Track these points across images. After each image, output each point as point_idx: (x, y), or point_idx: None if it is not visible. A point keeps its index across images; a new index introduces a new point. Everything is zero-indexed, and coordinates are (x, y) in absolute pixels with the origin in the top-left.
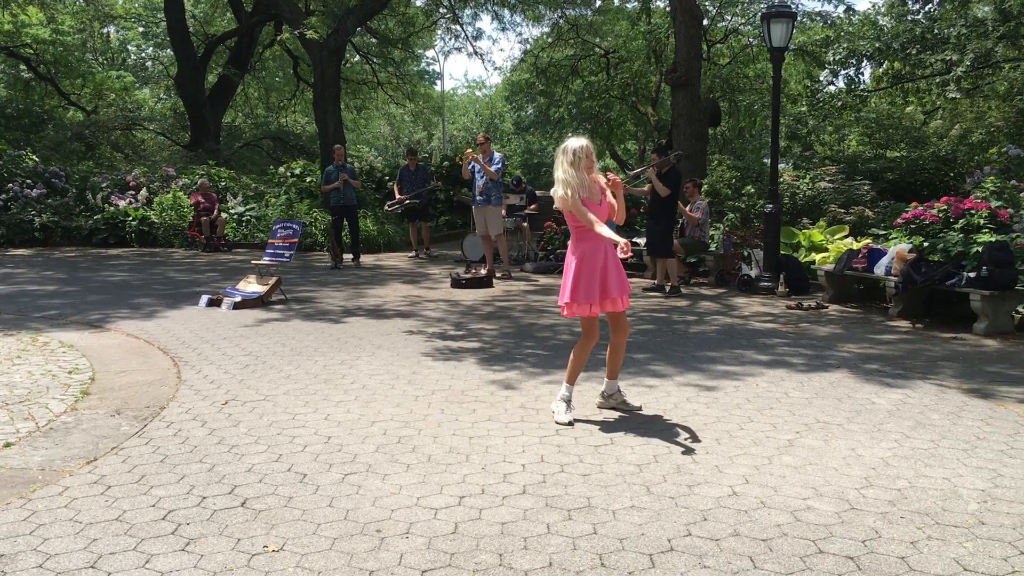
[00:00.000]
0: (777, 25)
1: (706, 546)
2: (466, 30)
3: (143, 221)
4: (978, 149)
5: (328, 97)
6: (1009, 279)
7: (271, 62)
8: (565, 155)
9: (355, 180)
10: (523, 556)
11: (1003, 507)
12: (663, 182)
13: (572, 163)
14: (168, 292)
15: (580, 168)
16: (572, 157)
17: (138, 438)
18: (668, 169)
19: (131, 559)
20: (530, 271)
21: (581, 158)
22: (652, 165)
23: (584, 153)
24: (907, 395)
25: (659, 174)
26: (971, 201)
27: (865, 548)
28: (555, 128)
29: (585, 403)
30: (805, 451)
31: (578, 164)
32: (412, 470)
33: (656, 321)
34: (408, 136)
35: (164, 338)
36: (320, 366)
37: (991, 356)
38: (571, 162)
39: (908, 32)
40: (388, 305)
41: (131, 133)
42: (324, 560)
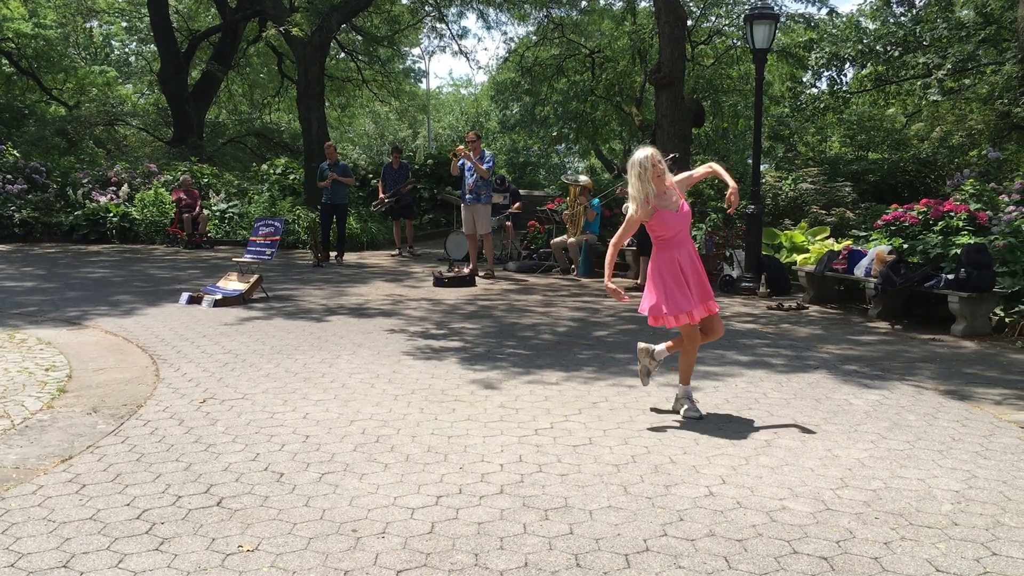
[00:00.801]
0: (760, 27)
1: (681, 546)
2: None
3: (124, 217)
4: (958, 152)
5: (312, 94)
6: (987, 281)
7: (255, 58)
8: (632, 169)
9: (347, 178)
10: (499, 556)
11: (976, 508)
12: None
13: (639, 175)
14: (148, 289)
15: (647, 179)
16: (639, 169)
17: (114, 436)
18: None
19: (104, 558)
20: (513, 270)
21: (648, 168)
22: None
23: (650, 163)
24: (884, 396)
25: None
26: (950, 203)
27: (839, 549)
28: (540, 127)
29: (565, 403)
30: (782, 452)
31: (645, 176)
32: (390, 469)
33: (638, 321)
34: (393, 134)
35: (143, 336)
36: (300, 364)
37: (968, 358)
38: (638, 175)
39: (891, 35)
40: (370, 304)
41: (113, 129)
42: (299, 560)
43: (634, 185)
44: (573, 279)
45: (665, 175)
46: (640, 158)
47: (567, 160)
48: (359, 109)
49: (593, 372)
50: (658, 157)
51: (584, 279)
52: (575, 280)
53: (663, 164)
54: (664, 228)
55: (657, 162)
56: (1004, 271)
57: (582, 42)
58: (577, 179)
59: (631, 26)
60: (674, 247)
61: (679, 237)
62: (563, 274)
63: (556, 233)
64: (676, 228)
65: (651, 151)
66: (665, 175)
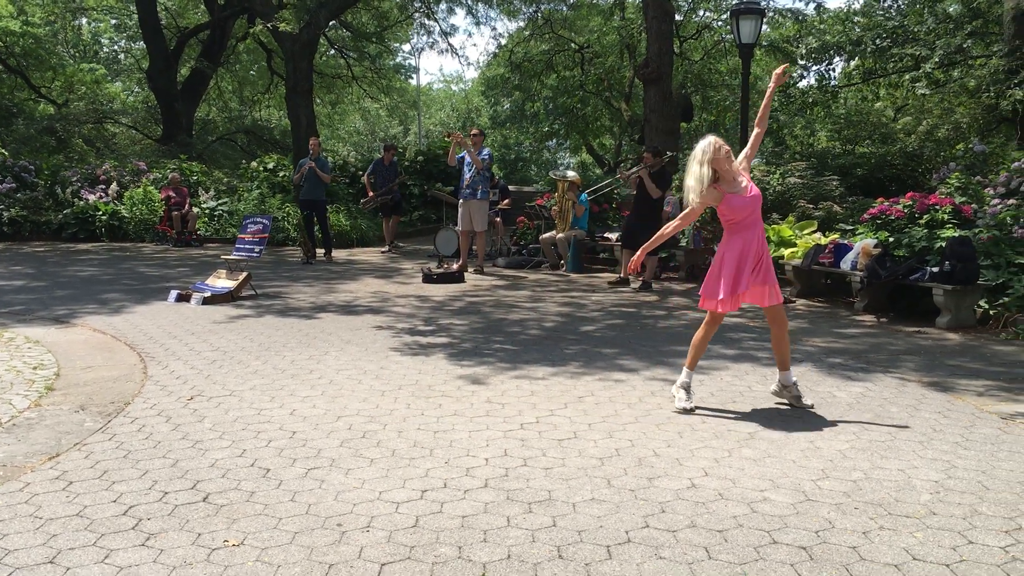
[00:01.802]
0: (746, 21)
1: (663, 537)
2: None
3: (113, 215)
4: (945, 145)
5: (301, 91)
6: (971, 274)
7: (244, 55)
8: (692, 159)
9: (325, 174)
10: (482, 549)
11: (955, 498)
12: (654, 183)
13: (698, 162)
14: (137, 287)
15: (706, 163)
16: (700, 156)
17: (101, 434)
18: (659, 170)
19: (91, 554)
20: (502, 266)
21: (707, 153)
22: (645, 165)
23: (711, 148)
24: (868, 388)
25: (651, 174)
26: (936, 197)
27: (818, 539)
28: (531, 123)
29: (551, 397)
30: (765, 444)
31: (704, 159)
32: (376, 464)
33: (625, 316)
34: (384, 131)
35: (131, 333)
36: (288, 361)
37: (952, 350)
38: (698, 162)
39: (879, 27)
40: (359, 300)
41: (102, 127)
42: (284, 554)
43: (692, 174)
44: (562, 274)
45: (731, 159)
46: (701, 145)
47: (558, 156)
48: (349, 106)
49: (580, 367)
50: (720, 143)
51: (573, 274)
52: (564, 275)
53: (727, 149)
54: (733, 212)
55: (719, 147)
56: (988, 264)
57: (571, 37)
58: (565, 175)
59: (619, 21)
60: (744, 230)
61: (748, 220)
62: (552, 269)
63: (545, 229)
64: (745, 212)
65: (712, 138)
66: (731, 159)
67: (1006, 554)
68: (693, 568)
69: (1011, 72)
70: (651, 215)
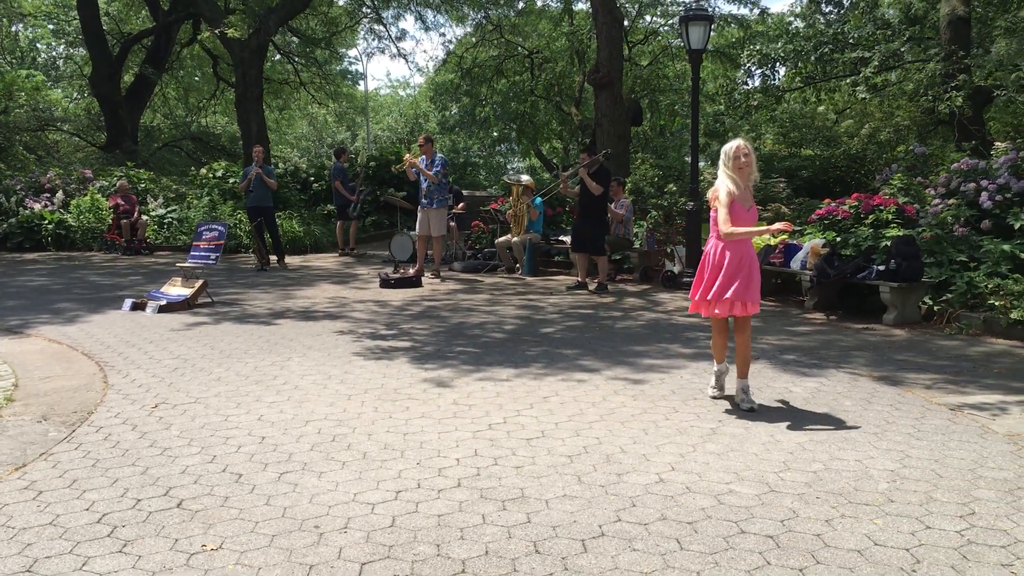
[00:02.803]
0: (695, 28)
1: (635, 530)
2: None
3: (60, 224)
4: (886, 147)
5: (251, 97)
6: (916, 272)
7: (189, 61)
8: (724, 156)
9: (271, 180)
10: (460, 546)
11: (911, 485)
12: (594, 180)
13: (726, 164)
14: (90, 296)
15: (731, 168)
16: (726, 158)
17: (67, 443)
18: (597, 168)
19: (68, 562)
20: (459, 270)
21: (730, 157)
22: (583, 165)
23: (734, 154)
24: (822, 383)
25: (590, 173)
26: (880, 197)
27: (784, 527)
28: (480, 128)
29: (516, 398)
30: (727, 438)
31: (728, 163)
32: (348, 467)
33: (584, 317)
34: (331, 137)
35: (88, 343)
36: (251, 368)
37: (900, 345)
38: (722, 162)
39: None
40: (317, 306)
41: (44, 134)
42: (263, 556)
43: (724, 170)
44: (518, 278)
45: (748, 169)
46: (731, 148)
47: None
48: (296, 112)
49: (542, 368)
50: (746, 149)
51: (529, 277)
52: (520, 279)
53: (748, 159)
54: (736, 220)
55: (742, 155)
56: (931, 262)
57: (520, 43)
58: (519, 179)
59: (568, 27)
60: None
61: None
62: (508, 273)
63: (500, 233)
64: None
65: (740, 142)
66: (748, 169)
67: (962, 537)
68: (666, 559)
69: (947, 76)
70: (595, 213)
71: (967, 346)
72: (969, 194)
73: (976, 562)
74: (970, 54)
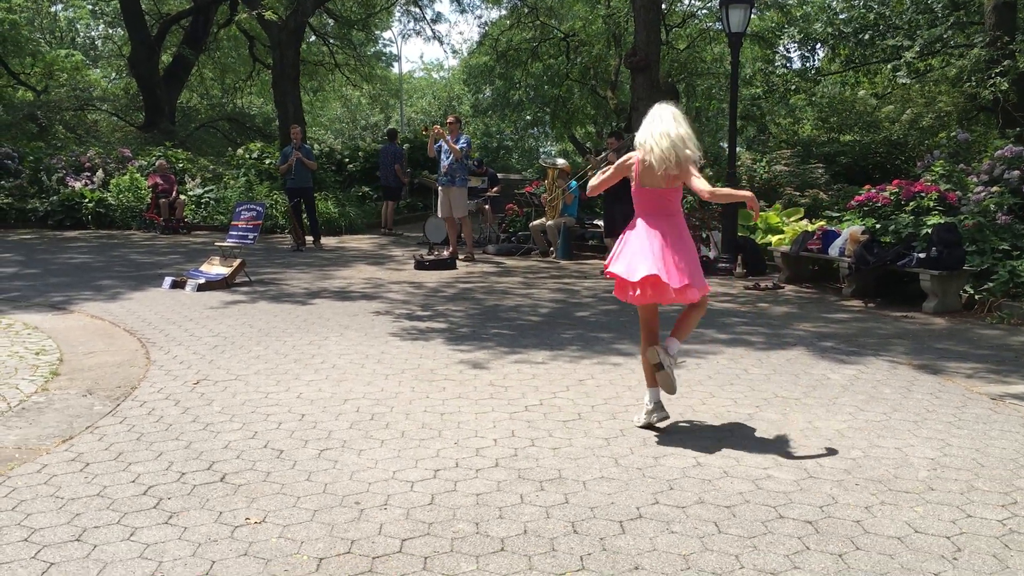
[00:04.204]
0: (736, 11)
1: (673, 513)
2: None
3: (100, 203)
4: (928, 133)
5: (288, 79)
6: (957, 259)
7: (226, 42)
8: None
9: (310, 161)
10: (499, 524)
11: (951, 474)
12: None
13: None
14: (130, 274)
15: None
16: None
17: (112, 417)
18: (625, 152)
19: (116, 532)
20: (493, 253)
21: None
22: (612, 150)
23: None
24: (860, 371)
25: (619, 157)
26: (921, 184)
27: (823, 513)
28: (514, 111)
29: (552, 380)
30: (765, 424)
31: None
32: (386, 445)
33: (618, 302)
34: (365, 119)
35: (129, 320)
36: (289, 346)
37: (939, 333)
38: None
39: (861, 18)
40: (353, 286)
41: (83, 113)
42: (306, 531)
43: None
44: (552, 262)
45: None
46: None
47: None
48: (331, 93)
49: (577, 351)
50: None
51: (563, 261)
52: (554, 263)
53: None
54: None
55: None
56: (973, 250)
57: (556, 26)
58: (555, 162)
59: (606, 9)
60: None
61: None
62: (542, 257)
63: (535, 216)
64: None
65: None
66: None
67: (1003, 526)
68: (704, 542)
69: (992, 62)
70: (626, 198)
71: (1008, 335)
72: (1013, 182)
73: (1018, 551)
74: (1015, 39)
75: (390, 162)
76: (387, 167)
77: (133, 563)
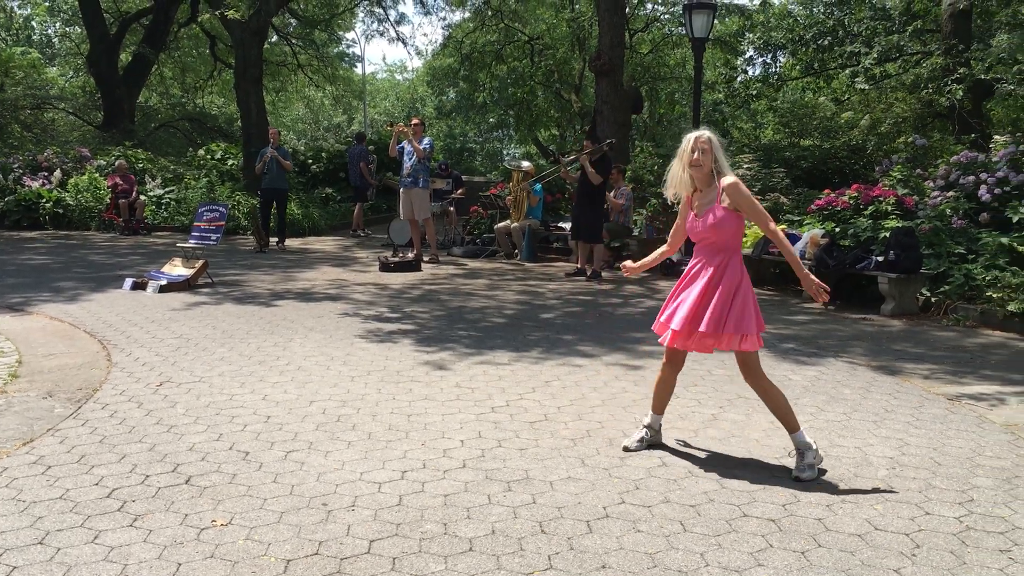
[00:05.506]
0: (698, 16)
1: (639, 512)
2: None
3: (58, 203)
4: (886, 139)
5: (250, 79)
6: (914, 263)
7: (186, 41)
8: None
9: (286, 161)
10: (467, 525)
11: (910, 472)
12: (595, 169)
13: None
14: (90, 275)
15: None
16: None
17: (74, 419)
18: (600, 156)
19: (79, 535)
20: (458, 255)
21: (684, 151)
22: (585, 152)
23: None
24: (821, 372)
25: (591, 161)
26: (879, 189)
27: (785, 511)
28: (478, 113)
29: (518, 382)
30: (728, 424)
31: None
32: (353, 447)
33: (582, 304)
34: (328, 120)
35: (90, 321)
36: (254, 348)
37: (897, 335)
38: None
39: (820, 24)
40: (318, 288)
41: (41, 112)
42: (273, 532)
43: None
44: (517, 263)
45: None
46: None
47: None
48: (294, 94)
49: (543, 353)
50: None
51: (528, 263)
52: (519, 264)
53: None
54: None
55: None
56: (930, 253)
57: (521, 29)
58: (520, 165)
59: (570, 13)
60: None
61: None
62: (507, 259)
63: (499, 218)
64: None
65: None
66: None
67: (960, 523)
68: (670, 540)
69: (948, 70)
70: (594, 202)
71: (963, 337)
72: (968, 187)
73: (975, 547)
74: (970, 48)
75: (357, 163)
76: (355, 168)
77: (98, 566)
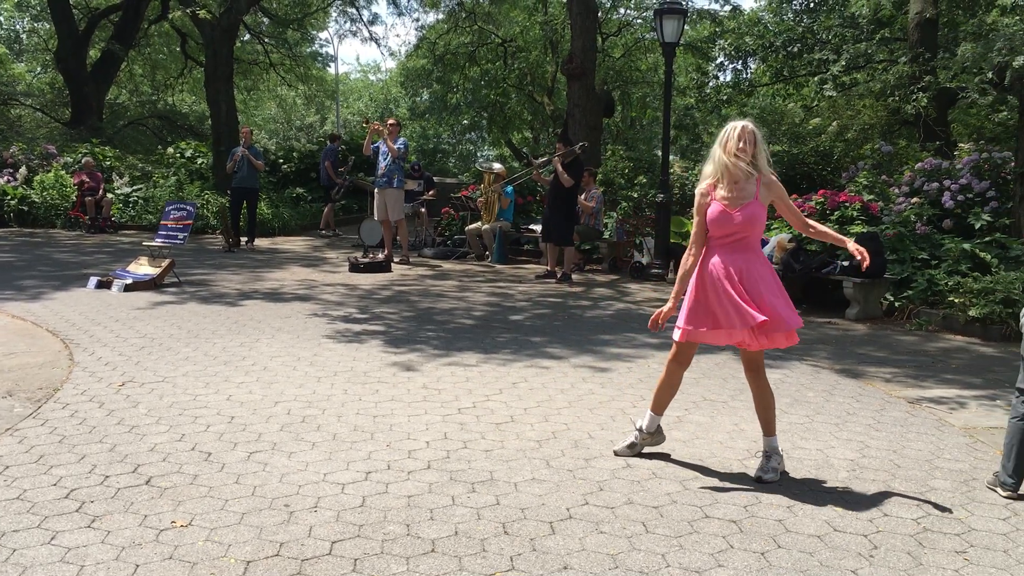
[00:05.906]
0: (669, 21)
1: (602, 514)
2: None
3: (23, 200)
4: (853, 145)
5: (221, 77)
6: (879, 268)
7: (157, 38)
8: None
9: (258, 161)
10: (430, 526)
11: (869, 475)
12: (567, 172)
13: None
14: (54, 273)
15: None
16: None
17: (33, 419)
18: (572, 159)
19: (36, 536)
20: (428, 256)
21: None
22: (557, 154)
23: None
24: (785, 375)
25: (563, 163)
26: (846, 195)
27: (747, 513)
28: (451, 115)
29: (485, 383)
30: (693, 426)
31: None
32: (318, 448)
33: (552, 306)
34: (300, 119)
35: (52, 320)
36: (219, 348)
37: (861, 339)
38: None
39: (790, 31)
40: (286, 288)
41: (6, 108)
42: (234, 534)
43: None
44: (487, 265)
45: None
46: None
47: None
48: (265, 93)
49: (511, 354)
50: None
51: (498, 265)
52: (489, 266)
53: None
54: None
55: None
56: (894, 259)
57: (494, 31)
58: (491, 167)
59: (543, 16)
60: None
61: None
62: (477, 260)
63: (470, 220)
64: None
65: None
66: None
67: (918, 525)
68: (632, 541)
69: (914, 78)
70: (565, 204)
71: (925, 341)
72: (932, 193)
73: (931, 548)
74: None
75: (323, 161)
76: (322, 166)
77: (54, 567)
